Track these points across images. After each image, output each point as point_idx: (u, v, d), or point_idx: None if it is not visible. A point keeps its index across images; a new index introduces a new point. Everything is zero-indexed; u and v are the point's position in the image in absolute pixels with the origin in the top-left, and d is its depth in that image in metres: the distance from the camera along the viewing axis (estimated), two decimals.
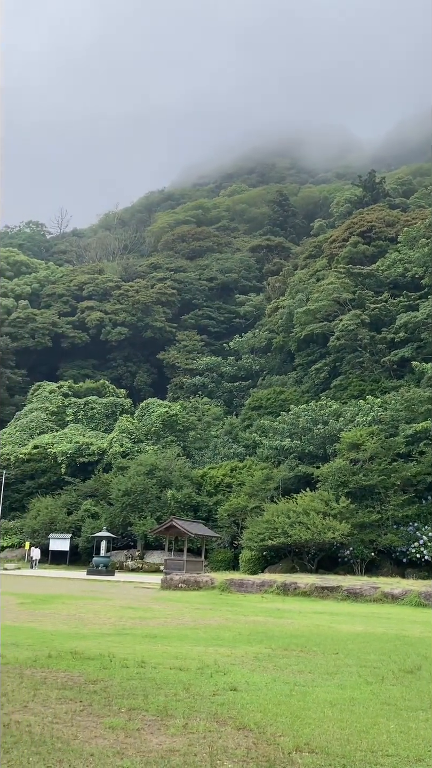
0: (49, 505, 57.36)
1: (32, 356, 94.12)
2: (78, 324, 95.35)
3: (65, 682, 8.94)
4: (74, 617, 17.10)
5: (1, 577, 36.71)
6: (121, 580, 38.11)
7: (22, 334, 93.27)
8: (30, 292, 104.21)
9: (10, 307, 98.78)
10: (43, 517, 55.65)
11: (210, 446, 66.65)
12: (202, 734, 6.71)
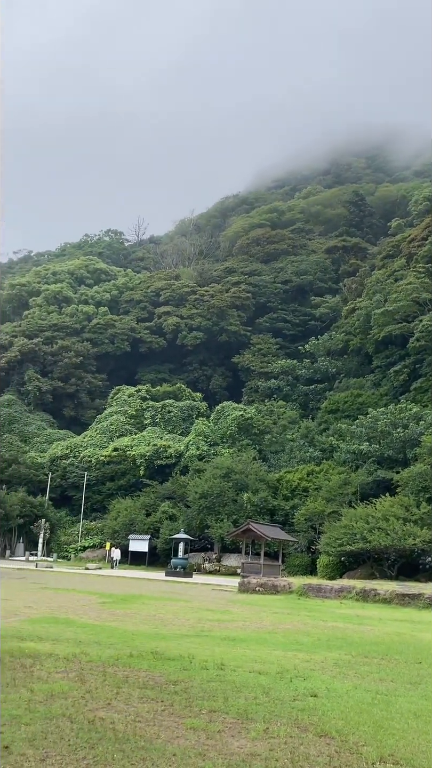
0: (129, 506, 58.50)
1: (112, 361, 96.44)
2: (155, 329, 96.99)
3: (147, 681, 9.07)
4: (154, 618, 17.35)
5: (84, 576, 37.73)
6: (198, 582, 38.39)
7: (102, 340, 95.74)
8: (109, 298, 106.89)
9: (91, 314, 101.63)
10: (123, 518, 56.80)
11: (286, 450, 66.26)
12: (283, 739, 6.67)
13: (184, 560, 45.71)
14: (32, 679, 8.52)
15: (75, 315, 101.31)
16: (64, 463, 70.98)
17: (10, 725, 6.41)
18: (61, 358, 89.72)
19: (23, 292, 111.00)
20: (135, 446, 69.76)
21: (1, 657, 9.78)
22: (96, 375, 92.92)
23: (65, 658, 10.18)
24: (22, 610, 16.60)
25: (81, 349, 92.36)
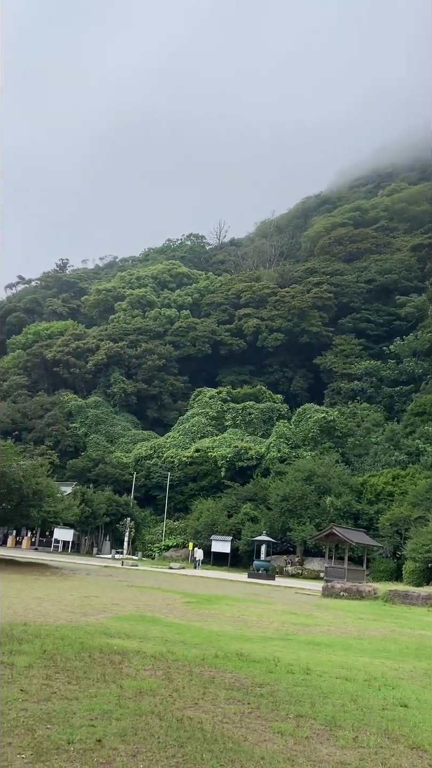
0: (211, 507, 58.92)
1: (193, 363, 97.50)
2: (236, 331, 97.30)
3: (233, 683, 9.10)
4: (238, 619, 17.38)
5: (168, 575, 38.28)
6: (281, 584, 38.18)
7: (184, 343, 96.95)
8: (191, 302, 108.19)
9: (173, 317, 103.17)
10: (205, 518, 57.27)
11: (370, 453, 64.95)
12: (373, 749, 6.53)
13: (267, 562, 45.60)
14: (121, 676, 8.71)
15: (158, 318, 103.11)
16: (148, 463, 72.31)
17: (101, 719, 6.58)
18: (145, 361, 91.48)
19: (109, 297, 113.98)
20: (216, 448, 70.22)
21: (91, 653, 10.06)
22: (178, 377, 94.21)
23: (152, 656, 10.34)
24: (110, 608, 17.00)
25: (164, 351, 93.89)
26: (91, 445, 78.38)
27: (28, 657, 9.17)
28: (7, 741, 5.67)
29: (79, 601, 17.83)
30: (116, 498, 62.21)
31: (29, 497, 34.05)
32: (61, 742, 5.78)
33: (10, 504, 34.17)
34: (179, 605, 19.58)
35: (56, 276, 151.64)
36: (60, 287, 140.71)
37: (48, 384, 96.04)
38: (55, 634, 11.43)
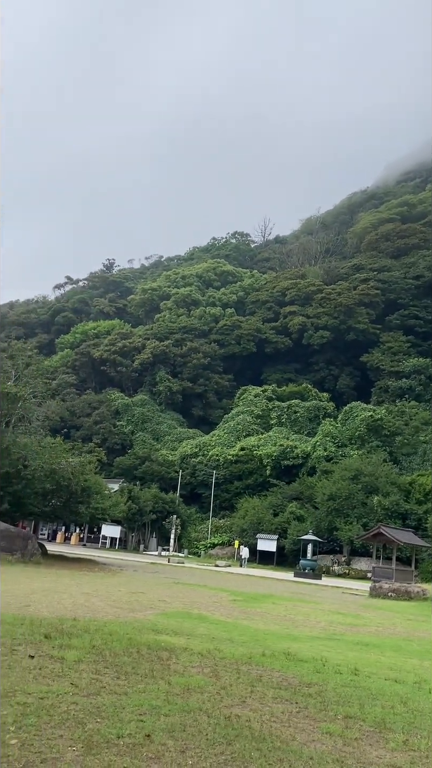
0: (256, 505, 58.84)
1: (238, 361, 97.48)
2: (281, 329, 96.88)
3: (280, 682, 9.06)
4: (285, 618, 17.31)
5: (214, 573, 38.40)
6: (328, 584, 37.88)
7: (229, 341, 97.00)
8: (236, 300, 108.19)
9: (218, 316, 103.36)
10: (250, 517, 57.23)
11: (418, 452, 63.83)
12: (425, 753, 6.41)
13: (313, 562, 45.30)
14: (169, 672, 8.77)
15: (203, 317, 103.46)
16: (194, 461, 72.63)
17: (150, 715, 6.63)
18: (190, 359, 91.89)
19: (154, 296, 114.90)
20: (261, 446, 70.09)
21: (139, 649, 10.15)
22: (223, 375, 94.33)
23: (200, 654, 10.38)
24: (157, 604, 17.14)
25: (209, 350, 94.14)
26: (137, 442, 79.17)
27: (77, 651, 9.31)
28: (59, 733, 5.77)
29: (127, 598, 18.02)
30: (162, 495, 62.68)
31: (78, 494, 34.57)
32: (111, 736, 5.84)
33: (60, 500, 34.77)
34: (226, 603, 19.61)
35: (103, 276, 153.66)
36: (107, 287, 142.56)
37: (95, 382, 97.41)
38: (104, 629, 11.58)
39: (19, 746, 5.35)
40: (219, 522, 65.26)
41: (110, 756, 5.36)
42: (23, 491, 31.88)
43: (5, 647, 9.05)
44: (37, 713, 6.24)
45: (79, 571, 28.07)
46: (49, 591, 17.60)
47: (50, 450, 35.40)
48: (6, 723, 5.88)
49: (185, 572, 35.93)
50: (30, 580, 20.26)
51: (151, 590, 21.24)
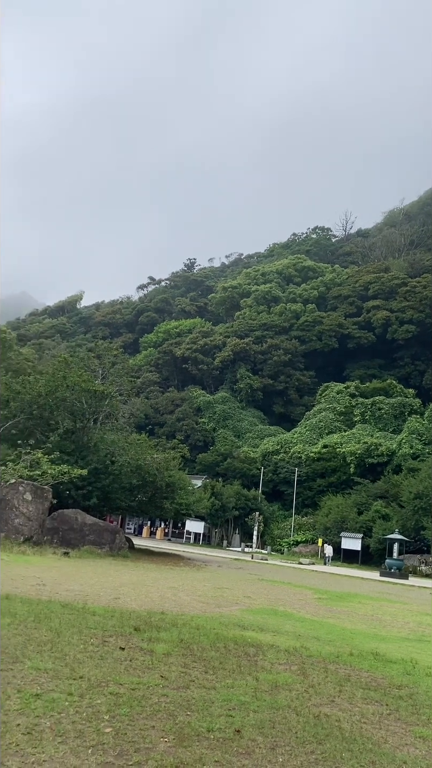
0: (340, 503, 58.06)
1: (319, 358, 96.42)
2: (364, 324, 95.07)
3: (369, 682, 8.90)
4: (372, 618, 16.99)
5: (298, 570, 38.17)
6: (415, 584, 36.88)
7: (310, 337, 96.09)
8: (317, 295, 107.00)
9: (299, 312, 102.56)
10: (334, 515, 56.54)
11: None
12: None
13: (400, 561, 44.22)
14: (256, 668, 8.78)
15: (283, 314, 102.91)
16: (275, 458, 72.42)
17: (239, 710, 6.66)
18: (271, 356, 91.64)
19: (234, 294, 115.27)
20: (344, 443, 69.05)
21: (226, 644, 10.22)
22: (304, 372, 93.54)
23: (286, 651, 10.34)
24: (242, 600, 17.20)
25: (289, 346, 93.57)
26: (219, 439, 79.72)
27: (166, 645, 9.47)
28: (151, 724, 5.89)
29: (212, 593, 18.18)
30: (245, 492, 62.85)
31: (162, 489, 35.17)
32: (201, 729, 5.91)
33: (145, 495, 35.47)
34: (311, 601, 19.45)
35: (184, 275, 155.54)
36: (188, 286, 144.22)
37: (178, 380, 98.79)
38: (191, 623, 11.72)
39: (113, 735, 5.49)
40: (302, 519, 64.82)
41: (201, 749, 5.42)
42: (111, 486, 32.73)
43: (97, 638, 9.32)
44: (129, 704, 6.39)
45: (164, 565, 28.55)
46: (137, 584, 17.99)
47: (136, 446, 36.18)
48: (100, 711, 6.06)
49: (269, 569, 35.88)
50: (118, 574, 20.77)
51: (236, 586, 21.33)
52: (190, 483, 42.06)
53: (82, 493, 31.42)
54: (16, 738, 5.17)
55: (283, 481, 70.52)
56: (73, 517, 29.04)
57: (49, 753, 4.96)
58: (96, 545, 28.35)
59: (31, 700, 6.12)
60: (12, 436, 33.23)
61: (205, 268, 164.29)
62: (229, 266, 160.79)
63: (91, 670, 7.47)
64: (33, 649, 8.16)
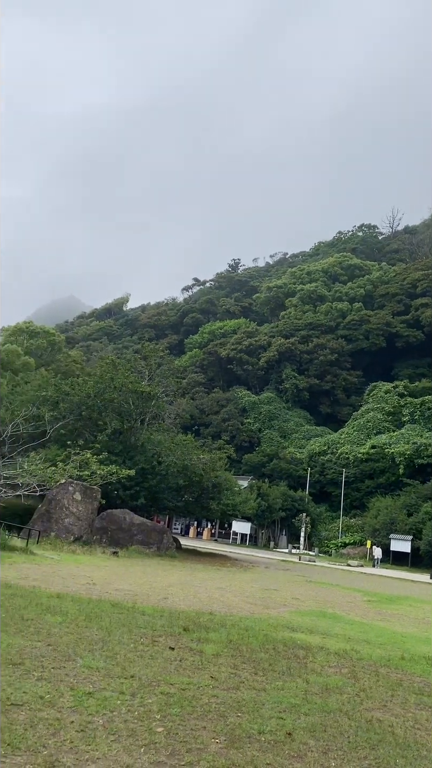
0: (389, 505, 57.20)
1: (367, 357, 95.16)
2: (412, 322, 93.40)
3: (422, 687, 8.74)
4: (423, 621, 16.68)
5: (346, 572, 37.77)
6: None
7: (357, 336, 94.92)
8: (363, 294, 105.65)
9: (345, 311, 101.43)
10: (383, 516, 55.73)
11: None
12: None
13: None
14: (306, 671, 8.71)
15: (329, 313, 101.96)
16: (322, 459, 71.81)
17: (290, 713, 6.61)
18: (317, 356, 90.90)
19: (279, 294, 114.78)
20: (393, 444, 67.99)
21: (275, 646, 10.17)
22: (351, 372, 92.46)
23: (336, 654, 10.23)
24: (291, 602, 17.11)
25: (336, 346, 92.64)
26: (264, 440, 79.47)
27: (215, 645, 9.49)
28: (202, 725, 5.89)
29: (260, 594, 18.13)
30: (291, 493, 62.49)
31: (209, 490, 35.25)
32: (253, 731, 5.89)
33: (192, 496, 35.62)
34: (360, 603, 19.22)
35: (229, 276, 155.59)
36: (232, 287, 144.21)
37: (223, 381, 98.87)
38: (240, 624, 11.71)
39: (165, 734, 5.52)
40: (350, 521, 64.09)
41: (253, 751, 5.40)
42: (158, 486, 32.98)
43: (147, 638, 9.39)
44: (180, 704, 6.41)
45: (212, 565, 28.61)
46: (185, 584, 18.07)
47: (182, 446, 36.36)
48: (152, 711, 6.10)
49: (317, 571, 35.61)
50: (166, 574, 20.91)
51: (284, 587, 21.23)
52: (236, 483, 42.04)
53: (130, 493, 31.74)
54: (70, 735, 5.24)
55: (331, 482, 69.86)
56: (122, 517, 29.37)
57: (102, 751, 5.01)
58: (144, 545, 28.60)
59: (84, 698, 6.20)
60: (61, 436, 33.80)
61: (249, 268, 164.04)
62: (273, 266, 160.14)
63: (142, 670, 7.54)
64: (85, 647, 8.27)
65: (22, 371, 62.36)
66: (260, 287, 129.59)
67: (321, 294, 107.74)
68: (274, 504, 58.63)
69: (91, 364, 63.39)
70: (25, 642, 8.13)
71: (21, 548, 20.74)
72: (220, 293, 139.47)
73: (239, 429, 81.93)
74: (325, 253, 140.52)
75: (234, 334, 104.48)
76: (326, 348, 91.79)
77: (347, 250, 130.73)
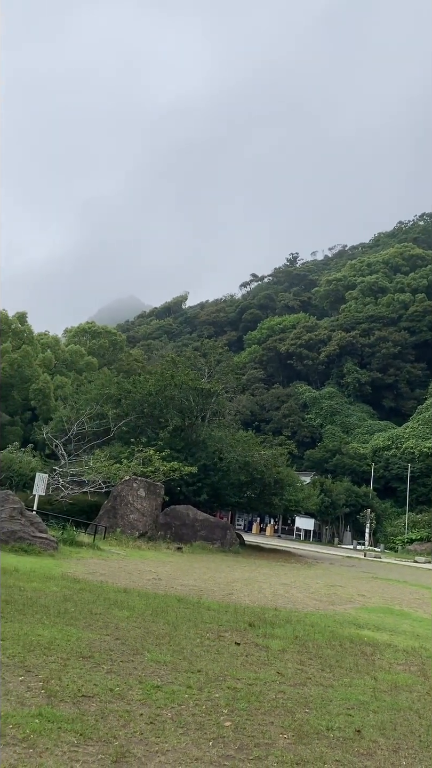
0: None
1: (431, 349, 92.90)
2: None
3: None
4: None
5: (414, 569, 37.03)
6: None
7: (420, 328, 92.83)
8: (426, 284, 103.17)
9: (407, 302, 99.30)
10: None
11: None
12: None
13: None
14: (374, 668, 8.59)
15: (391, 304, 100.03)
16: (387, 454, 70.57)
17: (358, 710, 6.54)
18: (379, 349, 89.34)
19: (339, 287, 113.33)
20: None
21: (342, 642, 10.07)
22: (415, 364, 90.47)
23: (404, 651, 10.05)
24: (356, 598, 16.90)
25: (398, 338, 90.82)
26: (326, 435, 78.69)
27: (281, 641, 9.46)
28: (269, 720, 5.89)
29: (325, 590, 17.98)
30: (355, 489, 61.71)
31: (271, 486, 35.17)
32: (321, 727, 5.85)
33: (254, 492, 35.62)
34: (428, 600, 18.81)
35: (287, 270, 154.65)
36: (291, 281, 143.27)
37: (282, 376, 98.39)
38: (305, 620, 11.65)
39: (233, 729, 5.55)
40: (416, 517, 62.80)
41: (321, 747, 5.37)
42: (220, 483, 33.12)
43: (212, 633, 9.45)
44: (247, 699, 6.43)
45: (275, 561, 28.55)
46: (249, 580, 18.10)
47: (243, 443, 36.39)
48: (219, 705, 6.14)
49: (382, 567, 35.05)
50: (230, 569, 20.99)
51: (349, 584, 20.99)
52: (298, 479, 41.79)
53: (193, 489, 31.99)
54: (140, 727, 5.33)
55: (396, 477, 68.57)
56: (185, 513, 29.64)
57: (171, 743, 5.08)
58: (207, 541, 28.79)
59: (153, 692, 6.29)
60: (124, 434, 34.36)
61: (307, 262, 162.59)
62: (332, 258, 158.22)
63: (209, 664, 7.59)
64: (152, 641, 8.39)
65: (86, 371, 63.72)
66: (319, 281, 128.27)
67: (382, 285, 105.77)
68: (337, 500, 58.03)
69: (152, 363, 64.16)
70: (94, 636, 8.31)
71: (88, 544, 21.20)
72: (279, 288, 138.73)
73: (300, 425, 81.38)
74: (386, 243, 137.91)
75: (293, 329, 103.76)
76: (388, 341, 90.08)
77: (408, 240, 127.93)
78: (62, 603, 10.21)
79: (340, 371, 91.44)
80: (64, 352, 70.16)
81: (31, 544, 17.26)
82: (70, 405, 40.70)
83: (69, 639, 7.91)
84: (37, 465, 31.36)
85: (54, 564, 15.68)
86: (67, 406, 41.71)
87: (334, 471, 68.17)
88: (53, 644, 7.56)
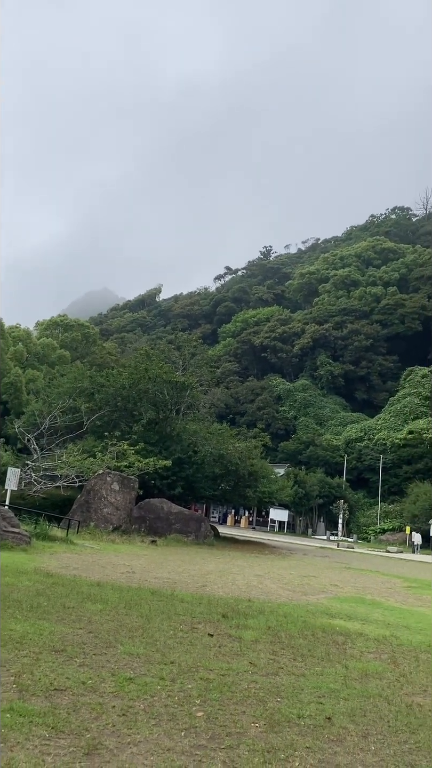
0: (428, 490, 56.57)
1: (403, 342, 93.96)
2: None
3: None
4: None
5: (385, 558, 37.53)
6: None
7: (392, 321, 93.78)
8: (398, 278, 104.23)
9: (379, 295, 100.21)
10: (422, 502, 55.17)
11: None
12: None
13: None
14: (345, 657, 8.71)
15: (363, 298, 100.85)
16: (359, 445, 71.29)
17: (329, 698, 6.63)
18: (351, 342, 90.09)
19: (312, 280, 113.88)
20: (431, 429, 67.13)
21: (314, 632, 10.19)
22: (387, 357, 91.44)
23: (375, 639, 10.21)
24: (329, 588, 17.09)
25: (370, 331, 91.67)
26: (300, 427, 79.21)
27: (254, 632, 9.55)
28: (241, 710, 5.96)
29: (298, 581, 18.15)
30: (328, 480, 62.28)
31: (245, 478, 35.31)
32: (292, 715, 5.93)
33: (228, 484, 35.73)
34: (399, 589, 19.09)
35: (261, 264, 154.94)
36: (264, 274, 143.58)
37: (257, 369, 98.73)
38: (278, 611, 11.75)
39: (205, 719, 5.59)
40: (388, 507, 63.61)
41: (292, 735, 5.44)
42: (194, 476, 33.16)
43: (186, 625, 9.50)
44: (219, 689, 6.48)
45: (249, 553, 28.72)
46: (223, 572, 18.19)
47: (218, 436, 36.46)
48: (191, 696, 6.18)
49: (355, 557, 35.47)
50: (204, 561, 21.07)
51: (322, 574, 21.21)
52: (272, 471, 42.02)
53: (167, 482, 31.98)
54: (112, 719, 5.35)
55: (368, 468, 69.33)
56: (160, 506, 29.64)
57: (143, 734, 5.11)
58: (182, 533, 28.84)
59: (125, 684, 6.31)
60: (98, 427, 34.21)
61: (281, 255, 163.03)
62: (305, 252, 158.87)
63: (182, 656, 7.63)
64: (125, 634, 8.41)
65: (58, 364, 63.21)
66: (293, 274, 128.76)
67: (354, 279, 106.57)
68: (311, 491, 58.51)
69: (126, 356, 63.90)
70: (67, 629, 8.30)
71: (61, 538, 21.11)
72: (253, 281, 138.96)
73: (274, 417, 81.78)
74: (358, 237, 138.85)
75: (267, 322, 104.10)
76: (361, 333, 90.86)
77: (380, 234, 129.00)
78: (35, 597, 10.17)
79: (313, 364, 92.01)
80: (35, 346, 69.52)
81: (4, 539, 17.13)
82: (42, 399, 40.36)
83: (41, 633, 7.89)
84: (9, 459, 31.07)
85: (27, 559, 15.59)
86: (39, 400, 41.36)
87: (308, 462, 68.68)
88: (25, 638, 7.54)
